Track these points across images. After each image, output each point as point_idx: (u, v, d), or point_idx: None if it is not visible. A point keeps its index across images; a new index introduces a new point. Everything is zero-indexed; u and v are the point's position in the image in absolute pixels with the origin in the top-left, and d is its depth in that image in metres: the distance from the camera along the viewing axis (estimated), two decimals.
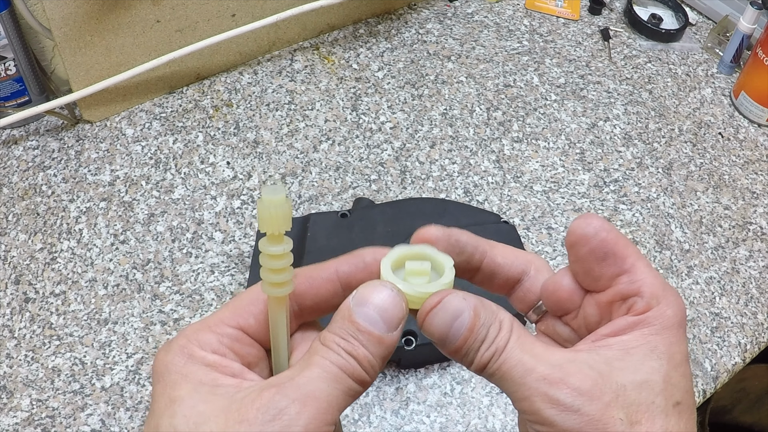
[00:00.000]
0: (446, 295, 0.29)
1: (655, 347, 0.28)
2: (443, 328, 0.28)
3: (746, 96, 0.82)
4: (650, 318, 0.28)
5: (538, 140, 0.78)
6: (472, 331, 0.28)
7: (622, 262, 0.29)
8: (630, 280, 0.29)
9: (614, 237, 0.29)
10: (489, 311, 0.29)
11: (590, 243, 0.29)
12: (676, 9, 0.93)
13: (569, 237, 0.30)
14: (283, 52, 0.84)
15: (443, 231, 0.32)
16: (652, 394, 0.27)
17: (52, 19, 0.66)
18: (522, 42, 0.88)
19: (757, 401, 0.98)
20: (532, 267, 0.33)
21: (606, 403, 0.26)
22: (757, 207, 0.75)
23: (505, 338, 0.28)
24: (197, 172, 0.72)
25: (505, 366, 0.28)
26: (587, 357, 0.28)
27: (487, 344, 0.28)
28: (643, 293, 0.29)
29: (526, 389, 0.27)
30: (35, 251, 0.65)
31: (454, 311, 0.28)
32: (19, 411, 0.56)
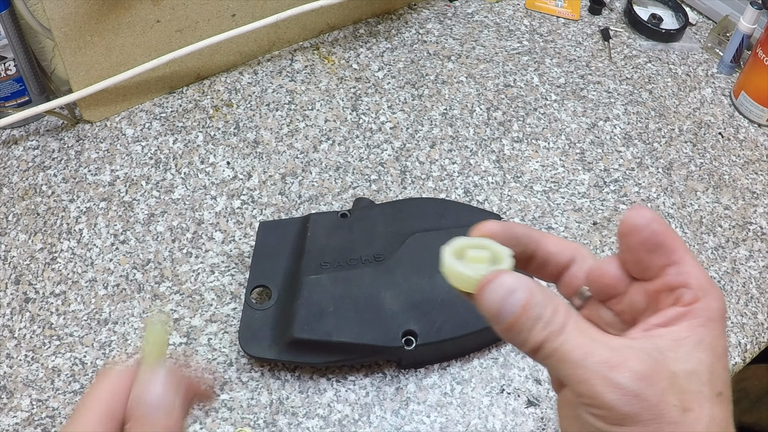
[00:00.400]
0: (502, 273, 0.30)
1: (701, 339, 0.29)
2: (496, 303, 0.29)
3: (746, 96, 0.82)
4: (698, 310, 0.30)
5: (538, 140, 0.78)
6: (525, 309, 0.29)
7: (672, 253, 0.30)
8: (678, 271, 0.30)
9: (664, 229, 0.30)
10: (545, 294, 0.29)
11: (642, 234, 0.30)
12: (676, 9, 0.93)
13: (622, 227, 0.31)
14: (283, 52, 0.84)
15: (501, 225, 0.33)
16: (699, 383, 0.28)
17: (52, 19, 0.66)
18: (522, 42, 0.88)
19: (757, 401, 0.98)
20: (579, 255, 0.34)
21: (662, 389, 0.27)
22: (757, 207, 0.75)
23: (562, 320, 0.29)
24: (197, 172, 0.72)
25: (564, 347, 0.28)
26: (642, 344, 0.29)
27: (542, 324, 0.29)
28: (691, 285, 0.30)
29: (585, 371, 0.28)
30: (35, 251, 0.65)
31: (509, 287, 0.29)
32: (19, 411, 0.56)
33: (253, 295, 0.60)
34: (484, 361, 0.61)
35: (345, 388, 0.59)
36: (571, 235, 0.70)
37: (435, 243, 0.61)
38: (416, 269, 0.59)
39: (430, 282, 0.58)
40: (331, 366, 0.59)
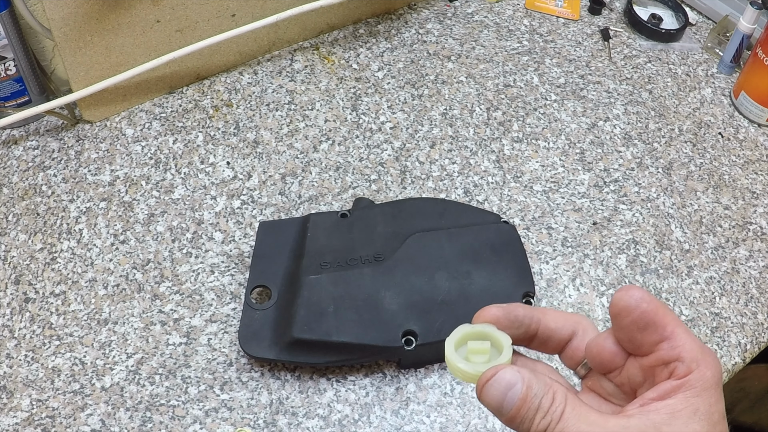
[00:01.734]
0: (500, 369, 0.32)
1: (696, 409, 0.31)
2: (498, 398, 0.31)
3: (746, 96, 0.82)
4: (692, 381, 0.31)
5: (538, 140, 0.78)
6: (524, 401, 0.31)
7: (663, 329, 0.32)
8: (671, 346, 0.32)
9: (654, 307, 0.32)
10: (541, 383, 0.31)
11: (632, 314, 0.32)
12: (676, 9, 0.93)
13: (612, 308, 0.33)
14: (283, 52, 0.84)
15: (503, 310, 0.35)
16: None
17: (52, 19, 0.66)
18: (522, 42, 0.88)
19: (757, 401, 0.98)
20: (580, 328, 0.36)
21: None
22: (757, 207, 0.75)
23: (560, 408, 0.31)
24: (197, 172, 0.72)
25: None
26: (639, 423, 0.31)
27: (541, 414, 0.31)
28: (684, 358, 0.31)
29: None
30: (35, 251, 0.65)
31: (507, 383, 0.31)
32: (19, 411, 0.56)
33: (253, 295, 0.60)
34: None
35: (345, 388, 0.59)
36: (571, 235, 0.70)
37: (435, 243, 0.61)
38: (416, 269, 0.59)
39: (430, 282, 0.58)
40: (331, 366, 0.59)
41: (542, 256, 0.68)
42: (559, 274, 0.67)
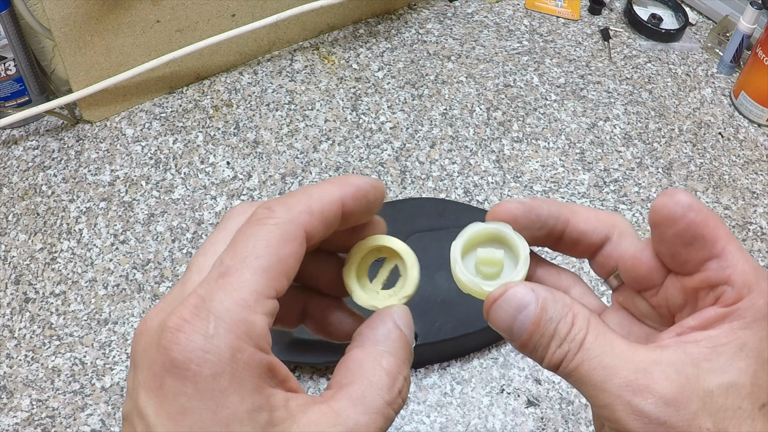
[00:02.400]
0: (511, 287, 0.27)
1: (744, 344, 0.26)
2: (507, 321, 0.27)
3: (746, 96, 0.82)
4: (741, 310, 0.26)
5: (538, 140, 0.78)
6: (537, 325, 0.27)
7: (712, 246, 0.26)
8: (720, 266, 0.26)
9: (704, 218, 0.26)
10: (560, 304, 0.27)
11: (677, 225, 0.26)
12: (676, 9, 0.93)
13: (653, 216, 0.27)
14: (283, 52, 0.84)
15: (523, 206, 0.29)
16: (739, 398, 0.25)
17: (52, 19, 0.66)
18: (522, 42, 0.88)
19: None
20: (616, 231, 0.30)
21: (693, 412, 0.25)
22: (757, 207, 0.75)
23: (581, 336, 0.26)
24: (197, 172, 0.72)
25: (584, 368, 0.26)
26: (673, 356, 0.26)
27: (557, 341, 0.27)
28: (734, 282, 0.26)
29: (607, 396, 0.25)
30: (35, 251, 0.65)
31: (519, 303, 0.27)
32: (19, 411, 0.56)
33: None
34: (484, 361, 0.61)
35: None
36: None
37: (435, 243, 0.61)
38: None
39: (430, 282, 0.58)
40: (331, 366, 0.59)
41: (542, 254, 0.68)
42: None
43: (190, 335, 0.22)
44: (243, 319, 0.23)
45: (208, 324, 0.22)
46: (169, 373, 0.22)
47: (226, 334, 0.22)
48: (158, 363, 0.22)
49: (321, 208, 0.26)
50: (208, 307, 0.23)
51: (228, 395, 0.22)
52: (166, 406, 0.22)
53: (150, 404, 0.22)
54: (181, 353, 0.22)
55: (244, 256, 0.24)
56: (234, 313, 0.23)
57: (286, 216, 0.25)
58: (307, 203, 0.26)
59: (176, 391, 0.22)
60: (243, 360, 0.22)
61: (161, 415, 0.22)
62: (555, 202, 0.30)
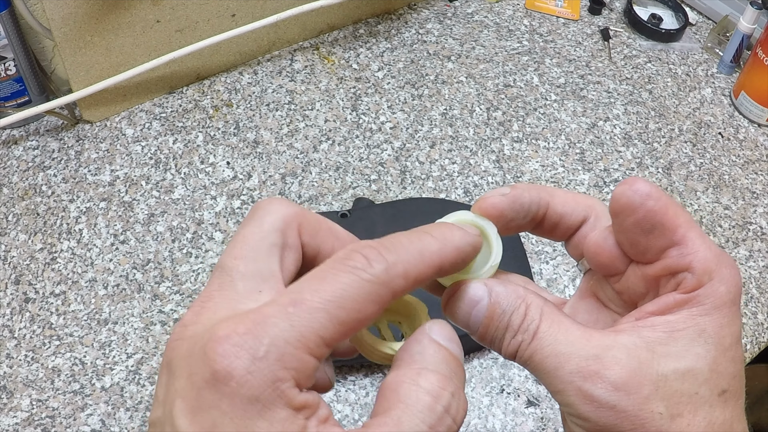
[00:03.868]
0: (463, 283, 0.28)
1: (703, 330, 0.26)
2: (463, 316, 0.28)
3: (746, 96, 0.82)
4: (700, 296, 0.26)
5: (538, 140, 0.78)
6: (491, 318, 0.27)
7: (672, 233, 0.26)
8: (680, 253, 0.26)
9: (663, 205, 0.26)
10: (513, 296, 0.27)
11: (636, 213, 0.26)
12: (676, 9, 0.93)
13: (612, 205, 0.27)
14: (283, 52, 0.84)
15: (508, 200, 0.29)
16: (695, 383, 0.25)
17: (52, 19, 0.66)
18: (522, 42, 0.88)
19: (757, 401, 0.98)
20: (593, 213, 0.30)
21: (644, 397, 0.25)
22: (757, 207, 0.75)
23: (534, 326, 0.27)
24: (197, 172, 0.72)
25: (537, 356, 0.26)
26: (627, 341, 0.26)
27: (511, 332, 0.27)
28: (695, 269, 0.26)
29: (559, 382, 0.26)
30: (35, 251, 0.65)
31: (471, 299, 0.27)
32: (19, 411, 0.56)
33: None
34: (484, 361, 0.61)
35: (345, 388, 0.59)
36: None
37: None
38: None
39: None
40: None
41: (542, 256, 0.68)
42: (559, 274, 0.67)
43: (238, 351, 0.21)
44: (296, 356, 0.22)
45: (260, 346, 0.21)
46: (208, 384, 0.21)
47: (274, 362, 0.21)
48: (199, 374, 0.21)
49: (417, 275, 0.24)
50: (267, 330, 0.21)
51: (257, 421, 0.21)
52: (199, 418, 0.21)
53: (185, 415, 0.22)
54: (225, 366, 0.21)
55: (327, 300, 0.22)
56: (290, 346, 0.22)
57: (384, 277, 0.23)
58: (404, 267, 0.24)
59: (211, 405, 0.21)
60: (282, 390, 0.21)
61: (194, 425, 0.21)
62: (534, 187, 0.30)
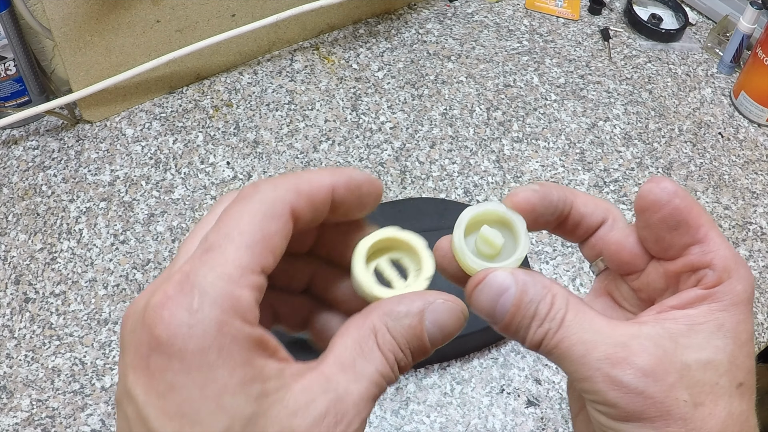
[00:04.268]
0: (491, 271, 0.28)
1: (722, 325, 0.27)
2: (489, 304, 0.28)
3: (746, 96, 0.82)
4: (720, 293, 0.27)
5: (538, 140, 0.78)
6: (518, 307, 0.27)
7: (696, 231, 0.28)
8: (702, 251, 0.28)
9: (688, 204, 0.27)
10: (539, 286, 0.28)
11: (662, 210, 0.28)
12: (676, 9, 0.93)
13: (639, 202, 0.28)
14: (283, 52, 0.84)
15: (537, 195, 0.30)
16: (716, 374, 0.26)
17: (52, 19, 0.66)
18: (522, 42, 0.88)
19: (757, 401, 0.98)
20: (610, 216, 0.31)
21: (670, 384, 0.26)
22: (757, 207, 0.75)
23: (561, 315, 0.27)
24: (197, 172, 0.72)
25: (564, 344, 0.27)
26: (651, 331, 0.27)
27: (538, 321, 0.27)
28: (715, 266, 0.27)
29: (587, 369, 0.26)
30: (35, 251, 0.65)
31: (499, 287, 0.28)
32: (19, 411, 0.56)
33: None
34: (484, 361, 0.61)
35: None
36: None
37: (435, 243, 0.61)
38: None
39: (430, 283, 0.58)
40: None
41: (542, 256, 0.68)
42: (559, 274, 0.67)
43: (174, 311, 0.21)
44: (228, 293, 0.22)
45: (193, 299, 0.22)
46: (154, 351, 0.21)
47: (211, 308, 0.22)
48: (144, 342, 0.22)
49: (309, 190, 0.26)
50: (192, 282, 0.22)
51: (216, 369, 0.21)
52: (154, 384, 0.22)
53: (138, 384, 0.22)
54: (166, 330, 0.21)
55: (227, 233, 0.23)
56: (219, 288, 0.22)
57: (272, 194, 0.25)
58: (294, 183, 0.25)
59: (163, 368, 0.21)
60: (230, 333, 0.22)
61: (150, 393, 0.22)
62: (560, 186, 0.31)
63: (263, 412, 0.22)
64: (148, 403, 0.22)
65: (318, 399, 0.23)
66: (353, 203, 0.28)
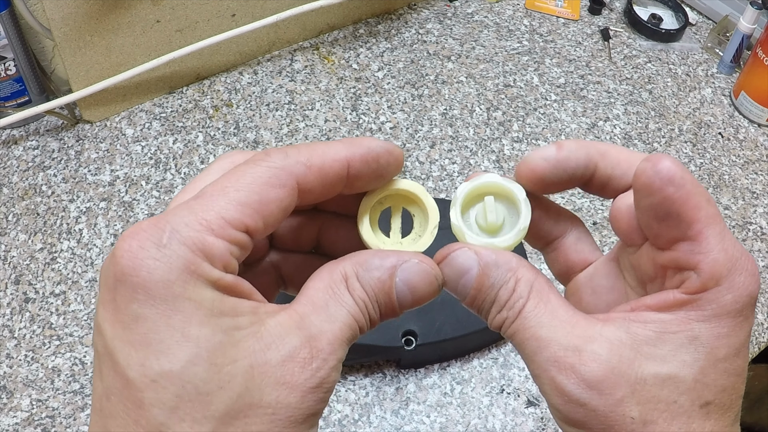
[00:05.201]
0: (454, 250, 0.27)
1: (695, 337, 0.24)
2: (452, 282, 0.27)
3: (746, 96, 0.82)
4: (702, 301, 0.24)
5: (538, 140, 0.78)
6: (479, 290, 0.26)
7: (687, 226, 0.24)
8: (691, 250, 0.24)
9: (684, 194, 0.24)
10: (504, 269, 0.26)
11: (652, 197, 0.24)
12: (676, 9, 0.93)
13: (634, 179, 0.25)
14: (283, 52, 0.84)
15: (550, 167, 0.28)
16: (675, 392, 0.24)
17: (52, 19, 0.66)
18: (522, 42, 0.88)
19: (757, 401, 0.98)
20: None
21: (618, 399, 0.24)
22: (757, 207, 0.75)
23: (520, 304, 0.25)
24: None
25: (518, 337, 0.25)
26: (612, 335, 0.24)
27: (497, 307, 0.26)
28: (701, 270, 0.24)
29: (535, 367, 0.25)
30: (35, 251, 0.65)
31: (460, 268, 0.26)
32: (19, 411, 0.56)
33: None
34: (484, 361, 0.61)
35: (345, 388, 0.59)
36: None
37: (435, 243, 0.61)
38: None
39: None
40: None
41: (543, 256, 0.68)
42: None
43: (142, 242, 0.21)
44: (201, 238, 0.22)
45: (163, 234, 0.21)
46: (119, 282, 0.21)
47: (179, 246, 0.21)
48: (111, 274, 0.22)
49: (321, 164, 0.25)
50: (167, 220, 0.22)
51: (182, 301, 0.21)
52: (119, 316, 0.21)
53: (105, 317, 0.22)
54: (132, 260, 0.21)
55: (224, 186, 0.23)
56: (192, 230, 0.22)
57: (281, 162, 0.24)
58: (307, 155, 0.25)
59: (128, 299, 0.21)
60: (197, 272, 0.22)
61: (116, 325, 0.21)
62: (583, 146, 0.28)
63: (234, 342, 0.22)
64: (115, 335, 0.21)
65: (292, 333, 0.23)
66: (371, 176, 0.27)
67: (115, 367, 0.21)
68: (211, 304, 0.22)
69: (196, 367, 0.21)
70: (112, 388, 0.21)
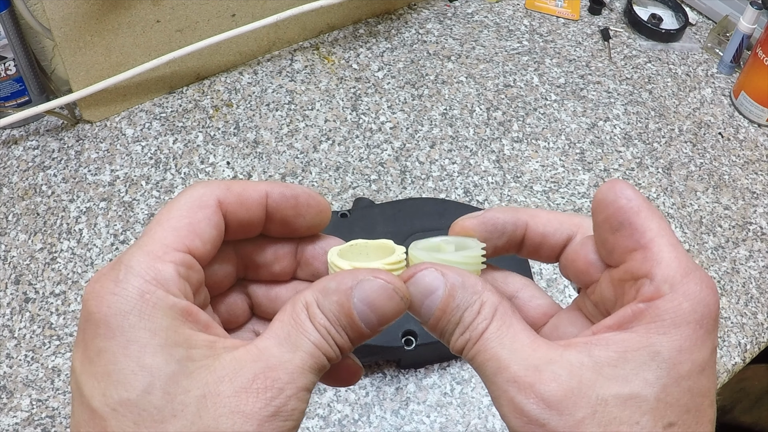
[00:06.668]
0: (421, 269, 0.27)
1: (657, 353, 0.23)
2: (415, 303, 0.27)
3: (746, 96, 0.82)
4: (660, 310, 0.24)
5: (538, 140, 0.78)
6: (444, 311, 0.26)
7: (640, 235, 0.25)
8: (643, 257, 0.25)
9: (636, 206, 0.25)
10: (470, 292, 0.26)
11: (607, 209, 0.26)
12: (676, 9, 0.93)
13: (592, 203, 0.27)
14: (283, 52, 0.84)
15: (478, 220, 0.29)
16: (638, 412, 0.23)
17: (52, 19, 0.66)
18: (522, 42, 0.88)
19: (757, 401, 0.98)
20: (579, 231, 0.29)
21: (578, 420, 0.23)
22: (757, 207, 0.75)
23: (483, 325, 0.25)
24: (197, 172, 0.72)
25: (479, 358, 0.25)
26: (573, 358, 0.24)
27: (461, 329, 0.26)
28: (654, 275, 0.24)
29: (495, 389, 0.25)
30: (35, 251, 0.65)
31: (426, 287, 0.26)
32: (19, 411, 0.56)
33: None
34: None
35: (345, 388, 0.59)
36: None
37: None
38: None
39: None
40: None
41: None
42: (558, 274, 0.67)
43: (103, 283, 0.23)
44: (150, 266, 0.24)
45: (119, 272, 0.24)
46: (86, 321, 0.23)
47: (134, 278, 0.23)
48: (82, 317, 0.24)
49: (240, 189, 0.27)
50: (121, 260, 0.24)
51: (137, 330, 0.23)
52: (87, 352, 0.23)
53: (77, 355, 0.24)
54: (95, 299, 0.23)
55: (158, 220, 0.26)
56: (142, 262, 0.24)
57: (201, 189, 0.27)
58: (227, 183, 0.27)
59: (93, 335, 0.23)
60: (151, 301, 0.23)
61: (84, 361, 0.23)
62: (510, 209, 0.30)
63: (187, 373, 0.23)
64: (82, 370, 0.23)
65: (247, 367, 0.24)
66: (290, 211, 0.29)
67: (82, 399, 0.23)
68: (165, 333, 0.23)
69: (150, 396, 0.22)
70: (81, 420, 0.23)
